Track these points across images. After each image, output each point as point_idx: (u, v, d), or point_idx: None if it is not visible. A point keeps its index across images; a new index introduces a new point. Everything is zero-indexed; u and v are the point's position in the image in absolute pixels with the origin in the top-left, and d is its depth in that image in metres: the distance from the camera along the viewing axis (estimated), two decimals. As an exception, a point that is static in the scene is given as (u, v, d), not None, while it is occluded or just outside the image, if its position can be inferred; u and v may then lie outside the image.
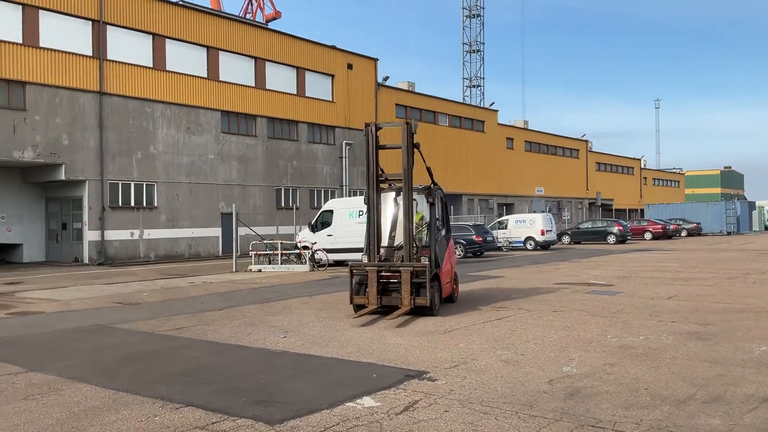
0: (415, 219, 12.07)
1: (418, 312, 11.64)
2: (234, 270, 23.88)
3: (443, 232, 13.33)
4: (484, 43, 76.83)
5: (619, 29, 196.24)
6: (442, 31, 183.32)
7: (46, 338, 10.53)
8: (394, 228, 12.57)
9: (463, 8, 76.65)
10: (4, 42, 25.13)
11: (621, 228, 42.06)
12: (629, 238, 43.23)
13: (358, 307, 11.79)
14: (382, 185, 12.45)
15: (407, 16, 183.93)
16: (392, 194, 12.76)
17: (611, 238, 41.33)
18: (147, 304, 14.92)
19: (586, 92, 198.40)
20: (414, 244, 11.70)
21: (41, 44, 26.20)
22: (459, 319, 11.74)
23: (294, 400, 6.61)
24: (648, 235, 47.21)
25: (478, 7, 76.04)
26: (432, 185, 13.04)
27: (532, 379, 7.42)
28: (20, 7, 25.67)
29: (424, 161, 12.96)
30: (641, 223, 50.39)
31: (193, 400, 6.65)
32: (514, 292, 15.96)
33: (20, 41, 25.63)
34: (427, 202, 12.66)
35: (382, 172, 12.22)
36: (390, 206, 12.74)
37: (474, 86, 76.31)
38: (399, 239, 12.13)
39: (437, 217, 12.84)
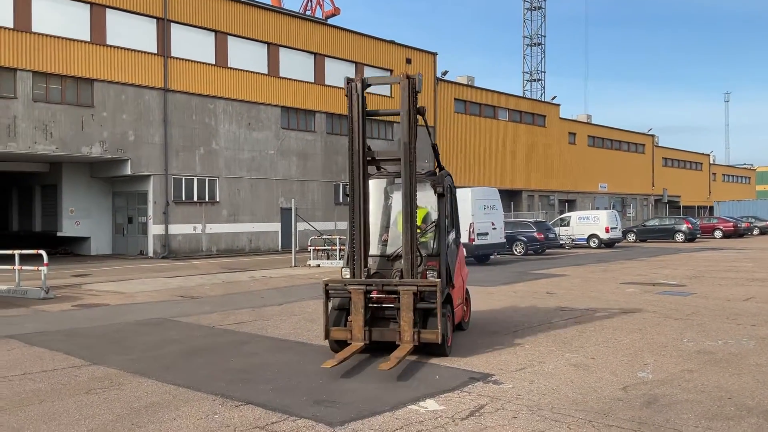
0: (418, 218, 8.87)
1: (422, 350, 8.28)
2: (293, 265, 23.96)
3: (452, 235, 9.76)
4: (545, 36, 75.54)
5: (686, 19, 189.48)
6: (502, 25, 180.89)
7: (110, 331, 10.65)
8: (386, 230, 9.28)
9: (525, 0, 75.31)
10: (73, 40, 25.87)
11: (690, 225, 40.42)
12: (698, 236, 41.54)
13: (337, 344, 8.30)
14: (370, 170, 8.89)
15: (467, 11, 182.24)
16: (383, 182, 9.44)
17: (679, 236, 39.78)
18: (208, 298, 15.03)
19: (651, 86, 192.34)
20: (417, 253, 8.24)
21: (108, 42, 26.86)
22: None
23: (354, 400, 6.40)
24: (718, 234, 45.29)
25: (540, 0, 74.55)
26: (439, 169, 9.71)
27: (605, 385, 7.00)
28: (88, 6, 26.37)
29: (430, 135, 9.68)
30: (711, 221, 48.38)
31: (253, 398, 6.52)
32: (579, 292, 15.39)
33: (88, 39, 26.34)
34: (435, 193, 8.98)
35: (370, 149, 8.58)
36: (380, 199, 9.41)
37: (534, 80, 74.94)
38: (394, 246, 8.82)
39: (446, 214, 9.28)
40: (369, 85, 8.45)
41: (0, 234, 33.53)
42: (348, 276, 8.43)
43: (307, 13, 50.18)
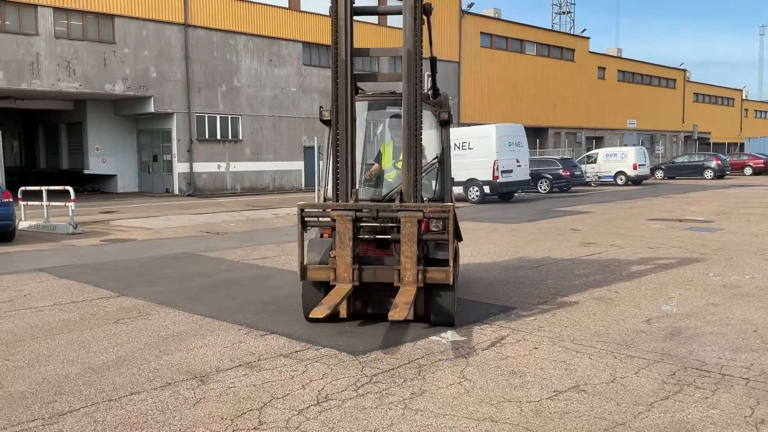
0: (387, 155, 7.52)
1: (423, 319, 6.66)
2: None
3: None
4: (575, -34, 72.50)
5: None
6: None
7: (137, 264, 10.83)
8: (369, 167, 7.67)
9: (555, -71, 72.26)
10: (93, -25, 25.52)
11: (719, 162, 39.61)
12: (728, 173, 40.75)
13: (317, 287, 6.59)
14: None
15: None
16: (364, 107, 7.48)
17: (708, 173, 39.05)
18: (233, 234, 15.18)
19: (684, 20, 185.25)
20: (417, 190, 6.41)
21: (127, -24, 26.48)
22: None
23: (377, 332, 6.45)
24: (748, 170, 44.36)
25: (571, -73, 71.48)
26: (434, 90, 7.34)
27: (628, 318, 6.98)
28: (107, -61, 25.90)
29: (431, 45, 7.31)
30: (741, 158, 47.34)
31: (277, 328, 6.61)
32: (604, 228, 15.25)
33: (108, -26, 25.98)
34: (438, 120, 7.19)
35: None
36: (360, 129, 7.32)
37: (564, 13, 72.59)
38: (386, 187, 7.32)
39: (443, 145, 7.27)
40: None
41: (28, 172, 34.01)
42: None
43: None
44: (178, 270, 10.26)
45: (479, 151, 23.09)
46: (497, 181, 23.22)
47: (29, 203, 16.56)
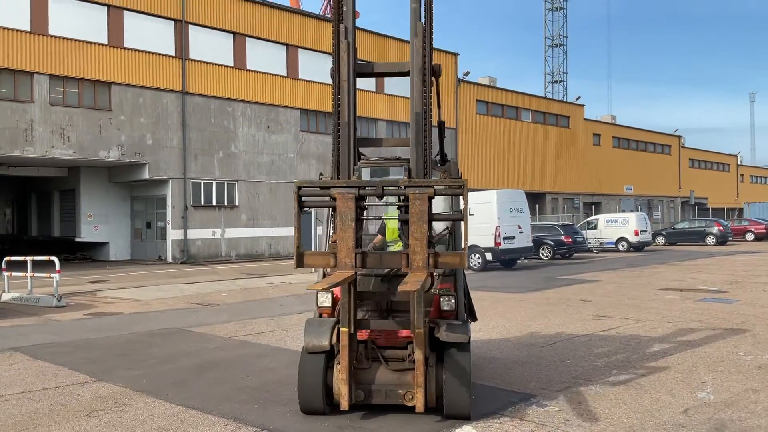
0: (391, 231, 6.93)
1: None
2: (313, 270, 23.29)
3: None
4: (567, 37, 74.40)
5: (708, 20, 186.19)
6: (523, 26, 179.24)
7: (120, 342, 10.06)
8: (377, 240, 7.24)
9: (546, 1, 74.27)
10: (91, 43, 25.49)
11: (721, 228, 39.19)
12: (730, 239, 40.28)
13: (317, 363, 5.90)
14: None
15: (487, 12, 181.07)
16: (366, 173, 7.22)
17: (710, 239, 38.56)
18: (225, 306, 14.44)
19: (675, 87, 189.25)
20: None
21: (125, 45, 26.46)
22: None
23: (382, 426, 5.69)
24: (750, 236, 43.93)
25: (561, 0, 73.45)
26: (442, 156, 7.02)
27: (663, 408, 6.23)
28: (105, 8, 25.99)
29: (439, 108, 7.19)
30: (742, 223, 47.00)
31: (269, 422, 5.85)
32: (615, 299, 14.55)
33: (105, 42, 25.96)
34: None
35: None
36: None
37: (556, 81, 73.75)
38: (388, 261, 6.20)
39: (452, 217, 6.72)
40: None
41: (19, 239, 33.36)
42: (325, 302, 6.24)
43: (327, 14, 49.70)
44: (163, 349, 9.49)
45: (480, 217, 22.56)
46: (499, 247, 22.64)
47: (13, 274, 15.84)
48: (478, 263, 23.02)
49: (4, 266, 15.49)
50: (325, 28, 34.17)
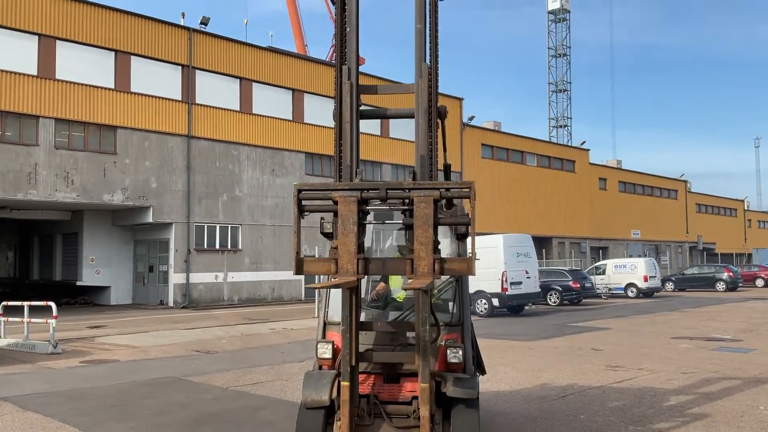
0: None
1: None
2: (315, 315, 22.89)
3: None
4: (570, 83, 74.87)
5: (712, 66, 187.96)
6: (527, 72, 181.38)
7: (114, 392, 9.67)
8: (380, 287, 6.88)
9: (549, 48, 75.22)
10: (97, 87, 25.64)
11: (731, 274, 38.63)
12: (740, 285, 39.67)
13: (315, 419, 5.53)
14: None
15: (491, 58, 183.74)
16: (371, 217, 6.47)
17: (720, 285, 37.97)
18: (225, 353, 14.04)
19: (680, 132, 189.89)
20: (434, 321, 5.49)
21: (132, 89, 26.63)
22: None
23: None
24: (760, 282, 43.26)
25: (564, 47, 74.40)
26: (452, 201, 6.24)
27: (687, 470, 5.81)
28: (113, 53, 26.24)
29: (445, 150, 6.96)
30: (752, 269, 46.40)
31: (264, 484, 5.45)
32: (627, 348, 14.10)
33: (112, 87, 26.13)
34: (455, 234, 6.29)
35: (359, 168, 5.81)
36: (368, 241, 6.69)
37: (561, 126, 74.20)
38: (392, 308, 6.54)
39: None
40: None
41: (20, 283, 33.11)
42: (326, 353, 5.88)
43: (333, 60, 50.26)
44: (157, 400, 9.10)
45: (487, 261, 22.12)
46: (506, 293, 22.22)
47: (10, 319, 15.49)
48: (485, 309, 22.58)
49: (0, 311, 15.18)
50: (331, 73, 34.30)
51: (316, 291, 23.43)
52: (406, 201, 5.34)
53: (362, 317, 5.95)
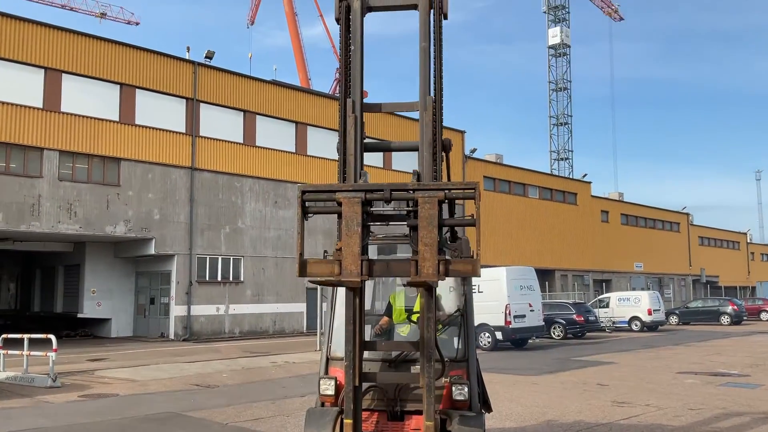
0: (415, 306, 6.39)
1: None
2: (317, 348, 22.67)
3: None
4: (571, 116, 75.26)
5: (711, 100, 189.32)
6: (528, 105, 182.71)
7: (113, 428, 9.54)
8: (383, 322, 6.77)
9: (550, 82, 75.83)
10: (102, 120, 25.83)
11: (735, 307, 38.38)
12: (745, 318, 39.39)
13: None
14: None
15: (492, 92, 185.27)
16: (375, 250, 7.00)
17: (725, 319, 37.70)
18: (225, 387, 13.87)
19: (681, 164, 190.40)
20: (438, 355, 5.35)
21: (137, 122, 26.81)
22: None
23: None
24: (765, 316, 43.01)
25: (565, 81, 75.01)
26: (455, 234, 6.42)
27: None
28: (118, 86, 26.49)
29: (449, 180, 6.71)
30: (756, 302, 46.14)
31: None
32: (633, 383, 13.91)
33: (117, 119, 26.31)
34: (460, 278, 6.33)
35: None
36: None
37: (562, 159, 74.39)
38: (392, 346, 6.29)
39: (465, 296, 6.33)
40: (370, 7, 5.87)
41: (21, 315, 32.96)
42: (329, 389, 5.80)
43: (336, 94, 50.74)
44: (157, 436, 8.96)
45: (490, 294, 22.07)
46: (510, 326, 22.05)
47: (10, 352, 15.37)
48: (489, 342, 22.39)
49: (0, 344, 15.06)
50: (335, 105, 34.70)
51: (319, 324, 23.28)
52: (411, 203, 5.28)
53: (365, 355, 5.86)
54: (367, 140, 6.12)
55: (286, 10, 63.52)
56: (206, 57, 30.49)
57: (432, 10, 5.82)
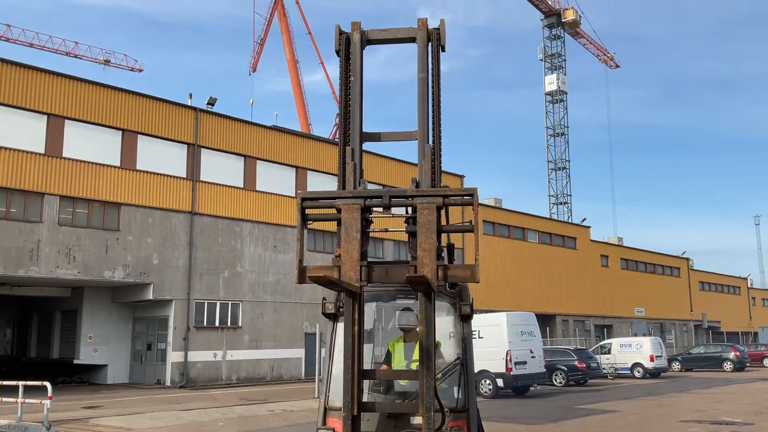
0: (415, 354, 6.21)
1: None
2: (315, 396, 22.36)
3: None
4: (569, 161, 75.84)
5: (707, 145, 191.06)
6: (526, 150, 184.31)
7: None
8: (382, 370, 6.61)
9: (547, 127, 76.65)
10: (103, 165, 25.99)
11: (738, 354, 38.03)
12: (748, 364, 38.98)
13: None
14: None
15: (490, 138, 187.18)
16: (371, 302, 6.74)
17: (728, 365, 37.30)
18: (222, 436, 13.62)
19: (680, 209, 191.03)
20: (438, 405, 5.26)
21: (138, 167, 26.98)
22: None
23: None
24: (767, 361, 42.54)
25: (563, 126, 75.84)
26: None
27: None
28: (120, 132, 26.74)
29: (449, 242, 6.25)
30: (758, 348, 45.72)
31: None
32: None
33: (118, 164, 26.48)
34: (458, 315, 6.06)
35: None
36: (370, 322, 6.75)
37: (561, 203, 74.68)
38: (396, 392, 6.33)
39: (464, 343, 6.12)
40: (370, 40, 6.10)
41: (17, 360, 32.55)
42: None
43: (336, 139, 51.21)
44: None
45: (490, 340, 21.89)
46: (511, 373, 21.79)
47: (4, 399, 15.10)
48: (489, 390, 22.10)
49: (-6, 391, 14.84)
50: (334, 150, 34.91)
51: (317, 370, 23.01)
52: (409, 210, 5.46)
53: (364, 397, 5.76)
54: (368, 186, 6.17)
55: (288, 57, 64.60)
56: (208, 103, 30.90)
57: (430, 43, 5.99)
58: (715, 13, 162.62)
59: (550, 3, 74.99)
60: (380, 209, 5.96)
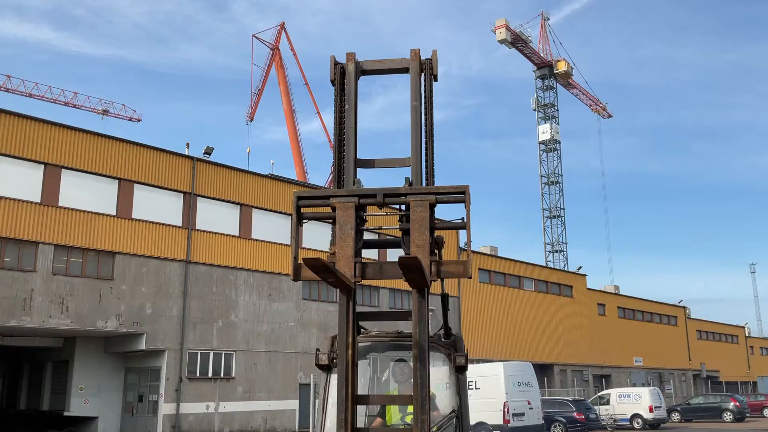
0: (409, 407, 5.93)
1: None
2: (311, 449, 21.93)
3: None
4: (564, 209, 76.27)
5: (700, 194, 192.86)
6: (520, 198, 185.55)
7: None
8: (377, 423, 6.60)
9: (542, 176, 77.32)
10: (99, 214, 26.00)
11: (738, 404, 37.59)
12: (748, 414, 38.47)
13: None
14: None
15: (485, 185, 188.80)
16: (366, 351, 6.74)
17: (728, 416, 36.81)
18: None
19: (676, 258, 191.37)
20: None
21: (133, 216, 27.00)
22: None
23: None
24: (767, 412, 42.04)
25: (557, 175, 76.54)
26: (446, 330, 6.52)
27: None
28: (116, 181, 26.86)
29: (442, 279, 6.10)
30: (758, 398, 45.20)
31: None
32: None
33: (114, 213, 26.51)
34: (453, 365, 6.07)
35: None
36: (365, 375, 6.62)
37: (557, 251, 74.80)
38: None
39: (460, 395, 6.17)
40: (364, 71, 6.12)
41: (7, 413, 31.92)
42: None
43: (331, 187, 51.48)
44: None
45: (487, 391, 21.63)
46: (508, 425, 21.44)
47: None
48: (487, 442, 21.70)
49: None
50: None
51: (311, 422, 22.62)
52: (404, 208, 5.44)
53: None
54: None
55: (285, 107, 65.54)
56: (205, 153, 31.15)
57: (423, 73, 6.11)
58: (703, 63, 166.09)
59: (542, 55, 76.59)
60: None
